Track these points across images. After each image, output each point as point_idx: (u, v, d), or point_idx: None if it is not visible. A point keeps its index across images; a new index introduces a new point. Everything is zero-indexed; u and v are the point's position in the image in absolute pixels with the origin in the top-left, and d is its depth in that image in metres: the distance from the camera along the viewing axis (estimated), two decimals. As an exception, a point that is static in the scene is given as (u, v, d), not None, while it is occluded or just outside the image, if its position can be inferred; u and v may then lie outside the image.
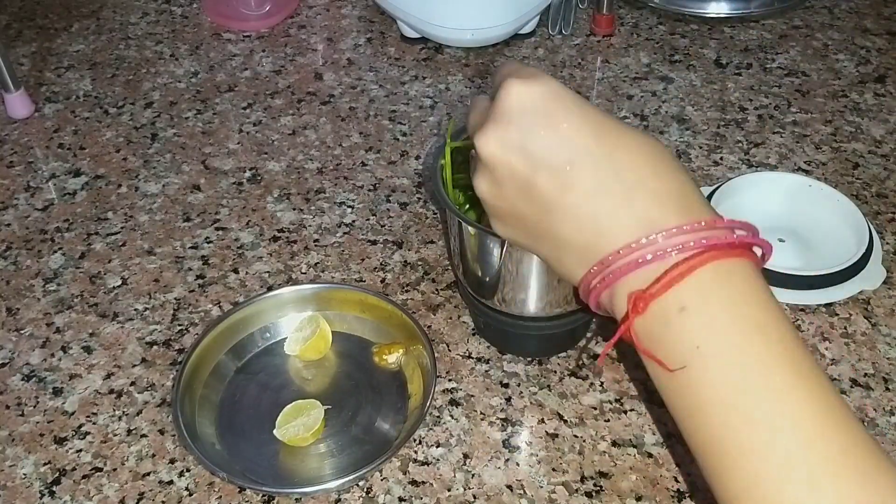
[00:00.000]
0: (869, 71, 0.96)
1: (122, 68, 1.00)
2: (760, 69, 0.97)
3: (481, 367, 0.66)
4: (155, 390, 0.65)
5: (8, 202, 0.82)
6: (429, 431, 0.61)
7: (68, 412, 0.64)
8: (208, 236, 0.78)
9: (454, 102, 0.93)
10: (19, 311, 0.72)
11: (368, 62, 1.00)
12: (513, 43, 1.02)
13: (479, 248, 0.60)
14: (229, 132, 0.90)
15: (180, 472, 0.59)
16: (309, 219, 0.79)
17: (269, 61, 1.01)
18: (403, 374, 0.65)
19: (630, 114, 0.91)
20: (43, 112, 0.94)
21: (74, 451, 0.61)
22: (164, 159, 0.87)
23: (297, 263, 0.75)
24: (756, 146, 0.86)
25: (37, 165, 0.87)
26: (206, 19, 1.09)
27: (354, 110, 0.93)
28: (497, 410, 0.63)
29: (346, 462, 0.60)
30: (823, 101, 0.92)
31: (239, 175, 0.85)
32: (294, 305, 0.69)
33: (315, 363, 0.67)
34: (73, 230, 0.79)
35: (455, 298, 0.71)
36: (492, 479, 0.59)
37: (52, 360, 0.67)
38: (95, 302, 0.72)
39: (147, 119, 0.92)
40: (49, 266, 0.75)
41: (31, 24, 1.09)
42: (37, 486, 0.59)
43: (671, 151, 0.58)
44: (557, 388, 0.64)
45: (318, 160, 0.86)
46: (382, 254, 0.76)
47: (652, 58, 0.99)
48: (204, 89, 0.97)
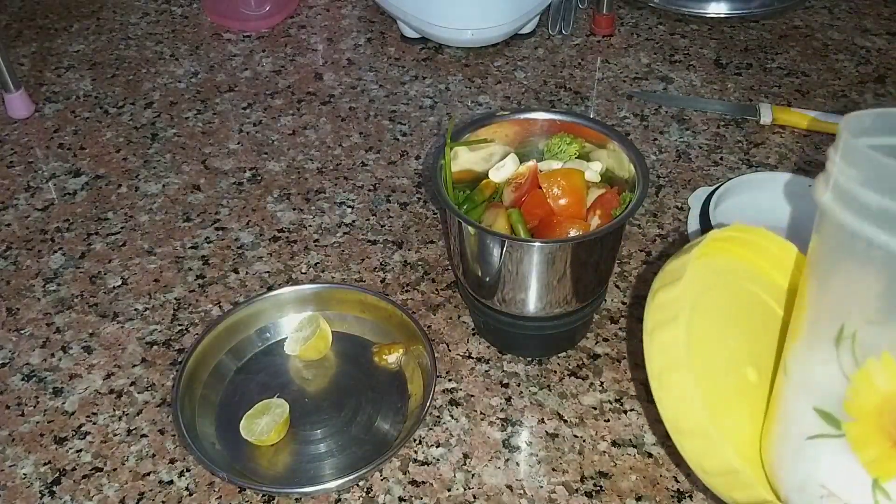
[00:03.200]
0: (869, 71, 0.96)
1: (122, 68, 1.00)
2: (760, 69, 0.97)
3: (481, 367, 0.66)
4: (155, 390, 0.65)
5: (8, 202, 0.82)
6: (429, 431, 0.61)
7: (68, 412, 0.64)
8: (208, 236, 0.78)
9: (454, 102, 0.93)
10: (19, 311, 0.72)
11: (368, 62, 1.00)
12: (513, 43, 1.02)
13: (479, 248, 0.60)
14: (229, 132, 0.90)
15: (180, 472, 0.59)
16: (309, 219, 0.79)
17: (269, 61, 1.01)
18: (403, 374, 0.65)
19: (630, 114, 0.91)
20: (43, 112, 0.94)
21: (74, 451, 0.61)
22: (164, 159, 0.87)
23: (297, 263, 0.75)
24: (756, 146, 0.86)
25: (37, 165, 0.87)
26: (206, 19, 1.09)
27: (354, 110, 0.93)
28: (497, 410, 0.63)
29: (346, 462, 0.60)
30: (823, 101, 0.92)
31: (239, 175, 0.85)
32: (294, 305, 0.69)
33: (315, 363, 0.67)
34: (73, 230, 0.79)
35: (455, 298, 0.71)
36: (492, 479, 0.59)
37: (52, 360, 0.67)
38: (95, 302, 0.72)
39: (147, 119, 0.92)
40: (49, 266, 0.75)
41: (31, 24, 1.09)
42: (37, 485, 0.59)
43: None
44: (557, 388, 0.64)
45: (318, 160, 0.86)
46: (382, 254, 0.76)
47: (652, 58, 0.99)
48: (204, 89, 0.97)
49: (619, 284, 0.72)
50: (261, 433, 0.60)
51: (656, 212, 0.79)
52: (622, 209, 0.61)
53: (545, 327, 0.63)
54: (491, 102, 0.93)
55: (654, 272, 0.73)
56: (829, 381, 0.41)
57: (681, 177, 0.83)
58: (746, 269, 0.55)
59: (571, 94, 0.94)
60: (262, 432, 0.60)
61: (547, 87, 0.95)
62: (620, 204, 0.62)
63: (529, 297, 0.61)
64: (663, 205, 0.80)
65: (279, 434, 0.61)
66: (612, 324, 0.69)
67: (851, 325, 0.40)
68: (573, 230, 0.59)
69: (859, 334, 0.40)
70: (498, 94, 0.94)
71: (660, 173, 0.83)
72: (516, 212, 0.61)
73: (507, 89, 0.95)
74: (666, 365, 0.49)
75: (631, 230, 0.77)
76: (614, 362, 0.66)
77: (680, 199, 0.80)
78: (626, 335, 0.68)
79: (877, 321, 0.39)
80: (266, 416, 0.61)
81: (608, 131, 0.64)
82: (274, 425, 0.60)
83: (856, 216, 0.39)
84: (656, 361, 0.50)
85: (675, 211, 0.79)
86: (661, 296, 0.51)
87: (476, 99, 0.93)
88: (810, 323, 0.44)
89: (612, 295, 0.71)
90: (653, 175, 0.83)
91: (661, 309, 0.51)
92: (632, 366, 0.66)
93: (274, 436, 0.60)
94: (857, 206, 0.39)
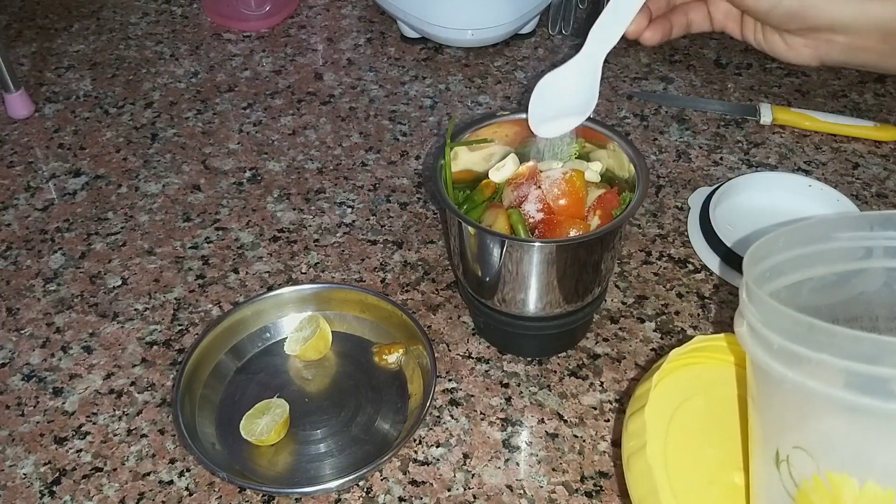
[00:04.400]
0: (869, 71, 0.96)
1: (122, 68, 1.00)
2: (760, 69, 0.97)
3: (481, 367, 0.66)
4: (155, 390, 0.65)
5: (8, 202, 0.82)
6: (429, 431, 0.61)
7: (68, 412, 0.64)
8: (208, 236, 0.78)
9: (454, 102, 0.93)
10: (19, 311, 0.72)
11: (368, 62, 1.00)
12: (513, 43, 1.02)
13: (479, 248, 0.60)
14: (229, 132, 0.90)
15: (180, 472, 0.59)
16: (309, 219, 0.79)
17: (269, 61, 1.01)
18: (403, 374, 0.65)
19: (630, 114, 0.91)
20: (43, 112, 0.94)
21: (74, 451, 0.61)
22: (164, 159, 0.87)
23: (297, 263, 0.75)
24: (756, 146, 0.86)
25: (37, 165, 0.87)
26: (206, 19, 1.09)
27: (354, 110, 0.93)
28: (497, 410, 0.63)
29: (346, 462, 0.60)
30: (823, 101, 0.92)
31: (239, 175, 0.85)
32: (294, 305, 0.69)
33: (315, 363, 0.67)
34: (73, 230, 0.79)
35: (455, 298, 0.71)
36: (492, 479, 0.59)
37: (52, 360, 0.67)
38: (95, 302, 0.72)
39: (147, 119, 0.92)
40: (49, 266, 0.76)
41: (31, 24, 1.09)
42: (37, 486, 0.59)
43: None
44: (557, 388, 0.64)
45: (318, 160, 0.86)
46: (382, 254, 0.76)
47: (652, 58, 0.99)
48: (204, 89, 0.97)
49: (619, 284, 0.72)
50: (261, 433, 0.60)
51: (656, 212, 0.79)
52: (622, 209, 0.61)
53: (545, 327, 0.63)
54: (491, 102, 0.93)
55: (655, 272, 0.73)
56: (780, 498, 0.43)
57: (681, 177, 0.83)
58: (720, 375, 0.56)
59: (571, 94, 0.94)
60: (262, 432, 0.60)
61: (547, 87, 0.95)
62: (620, 204, 0.62)
63: (529, 297, 0.61)
64: (663, 205, 0.80)
65: (279, 434, 0.61)
66: (612, 324, 0.69)
67: (784, 450, 0.42)
68: (573, 230, 0.59)
69: (791, 458, 0.42)
70: (498, 94, 0.94)
71: (660, 173, 0.83)
72: (516, 212, 0.61)
73: (507, 89, 0.95)
74: (645, 493, 0.50)
75: (631, 230, 0.77)
76: (614, 362, 0.66)
77: (680, 199, 0.80)
78: (626, 335, 0.68)
79: (801, 446, 0.41)
80: (266, 416, 0.61)
81: (608, 131, 0.64)
82: (274, 425, 0.60)
83: (765, 352, 0.41)
84: (636, 490, 0.51)
85: (675, 211, 0.79)
86: (630, 424, 0.53)
87: (476, 99, 0.93)
88: (755, 441, 0.46)
89: (612, 295, 0.71)
90: (653, 175, 0.83)
91: (631, 437, 0.52)
92: (632, 366, 0.66)
93: (274, 436, 0.60)
94: (764, 342, 0.41)
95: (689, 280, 0.72)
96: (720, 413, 0.54)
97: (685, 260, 0.74)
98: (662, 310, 0.70)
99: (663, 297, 0.71)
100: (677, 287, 0.72)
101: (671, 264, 0.74)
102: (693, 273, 0.73)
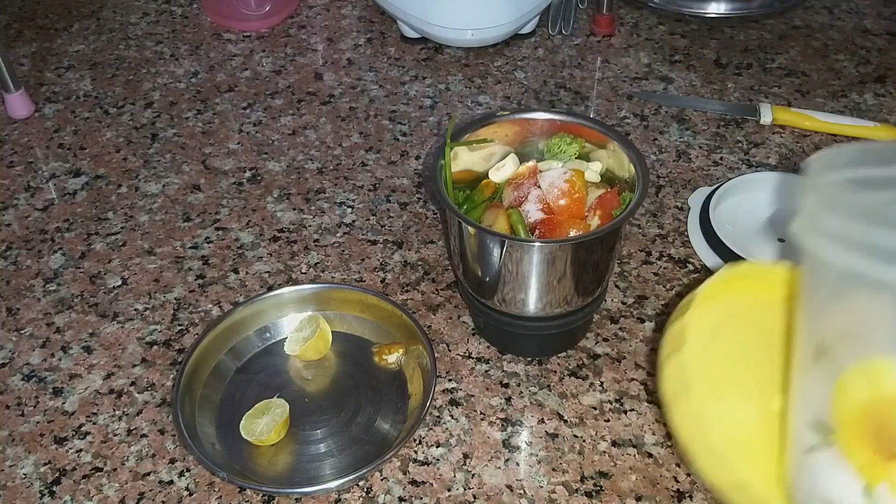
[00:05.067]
0: (869, 71, 0.96)
1: (122, 68, 1.00)
2: (760, 69, 0.97)
3: (481, 367, 0.66)
4: (155, 390, 0.65)
5: (8, 202, 0.82)
6: (429, 431, 0.61)
7: (68, 412, 0.64)
8: (208, 236, 0.78)
9: (454, 102, 0.93)
10: (19, 311, 0.72)
11: (368, 62, 1.00)
12: (513, 43, 1.02)
13: (479, 248, 0.60)
14: (229, 132, 0.90)
15: (180, 472, 0.59)
16: (309, 219, 0.79)
17: (269, 61, 1.01)
18: (403, 374, 0.65)
19: (630, 114, 0.91)
20: (43, 112, 0.94)
21: (74, 451, 0.61)
22: (164, 159, 0.87)
23: (297, 263, 0.75)
24: (756, 146, 0.86)
25: (37, 165, 0.87)
26: (206, 19, 1.09)
27: (354, 110, 0.93)
28: (497, 410, 0.63)
29: (346, 462, 0.60)
30: (823, 101, 0.92)
31: (239, 175, 0.85)
32: (294, 305, 0.69)
33: (315, 363, 0.67)
34: (73, 230, 0.79)
35: (455, 298, 0.71)
36: (492, 479, 0.59)
37: (52, 360, 0.67)
38: (95, 302, 0.72)
39: (147, 119, 0.92)
40: (49, 266, 0.75)
41: (31, 24, 1.09)
42: (37, 485, 0.59)
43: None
44: (557, 388, 0.64)
45: (318, 160, 0.86)
46: (382, 254, 0.76)
47: (652, 58, 0.99)
48: (204, 89, 0.97)
49: (619, 284, 0.72)
50: (261, 433, 0.60)
51: (656, 212, 0.79)
52: (622, 209, 0.61)
53: (545, 327, 0.63)
54: (491, 102, 0.93)
55: (655, 272, 0.73)
56: (816, 395, 0.43)
57: (681, 177, 0.83)
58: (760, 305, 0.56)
59: (571, 94, 0.94)
60: (262, 432, 0.60)
61: (547, 87, 0.95)
62: (620, 204, 0.62)
63: (529, 297, 0.61)
64: (663, 205, 0.80)
65: (279, 434, 0.61)
66: (612, 324, 0.69)
67: (828, 340, 0.42)
68: (573, 230, 0.59)
69: (835, 347, 0.42)
70: (498, 94, 0.94)
71: (660, 173, 0.83)
72: (516, 212, 0.61)
73: (507, 89, 0.95)
74: (678, 390, 0.50)
75: (631, 230, 0.77)
76: (614, 362, 0.66)
77: (680, 199, 0.80)
78: (626, 335, 0.68)
79: (847, 331, 0.42)
80: (266, 416, 0.61)
81: (608, 131, 0.64)
82: (274, 425, 0.60)
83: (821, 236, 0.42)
84: (669, 389, 0.51)
85: (675, 211, 0.79)
86: (670, 330, 0.53)
87: (476, 99, 0.93)
88: (800, 343, 0.46)
89: (612, 295, 0.71)
90: (653, 175, 0.83)
91: (671, 341, 0.53)
92: (632, 366, 0.66)
93: (274, 436, 0.60)
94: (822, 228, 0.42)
95: (690, 280, 0.72)
96: (765, 340, 0.53)
97: (685, 260, 0.74)
98: (662, 310, 0.70)
99: (663, 297, 0.71)
100: (677, 287, 0.72)
101: (671, 264, 0.74)
102: (693, 273, 0.73)
